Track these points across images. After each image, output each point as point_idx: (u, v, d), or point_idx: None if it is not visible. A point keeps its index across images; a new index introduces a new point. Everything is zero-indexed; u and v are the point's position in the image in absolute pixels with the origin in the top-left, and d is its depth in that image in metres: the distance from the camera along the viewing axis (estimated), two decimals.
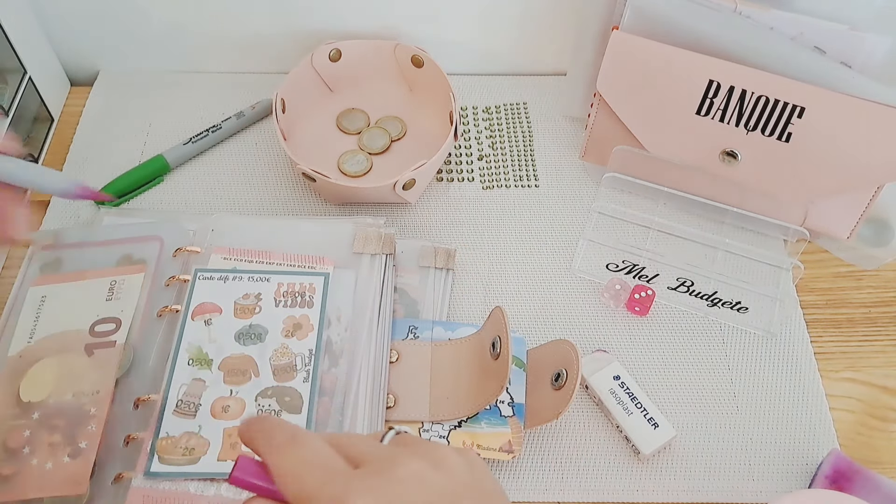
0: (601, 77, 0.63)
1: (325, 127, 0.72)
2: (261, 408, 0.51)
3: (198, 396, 0.52)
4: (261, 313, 0.54)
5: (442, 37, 0.75)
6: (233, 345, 0.54)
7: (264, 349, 0.53)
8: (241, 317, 0.54)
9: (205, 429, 0.51)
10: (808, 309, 0.63)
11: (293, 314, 0.54)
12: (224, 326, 0.54)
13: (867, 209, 0.61)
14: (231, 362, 0.53)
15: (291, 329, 0.53)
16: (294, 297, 0.55)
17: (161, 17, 0.73)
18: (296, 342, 0.53)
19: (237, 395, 0.51)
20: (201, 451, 0.50)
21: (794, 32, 0.58)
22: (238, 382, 0.52)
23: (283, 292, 0.55)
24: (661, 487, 0.54)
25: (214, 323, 0.54)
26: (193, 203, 0.68)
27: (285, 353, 0.53)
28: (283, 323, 0.54)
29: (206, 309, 0.56)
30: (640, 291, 0.61)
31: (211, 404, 0.52)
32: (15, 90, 0.68)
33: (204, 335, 0.54)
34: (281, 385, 0.52)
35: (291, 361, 0.53)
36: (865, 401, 0.58)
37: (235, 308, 0.55)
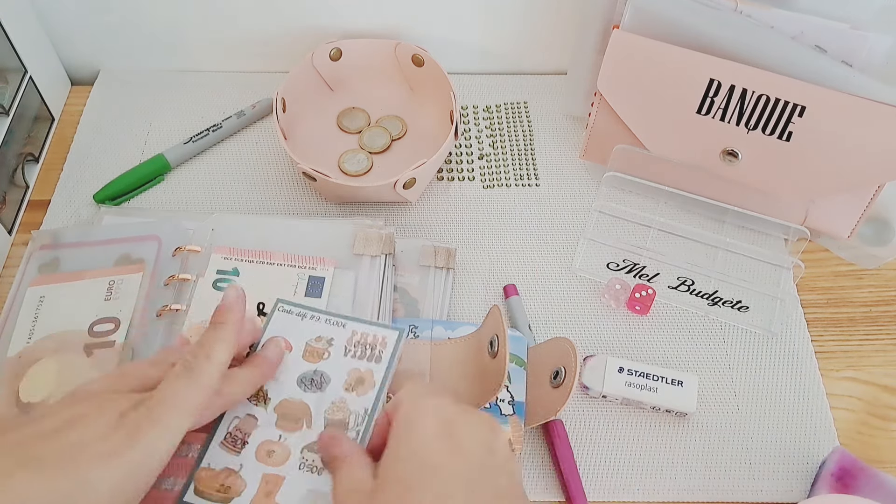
0: (602, 76, 0.62)
1: (325, 126, 0.72)
2: (304, 462, 0.47)
3: (247, 433, 0.49)
4: (328, 360, 0.51)
5: (442, 36, 0.75)
6: (293, 388, 0.50)
7: (322, 400, 0.50)
8: (308, 360, 0.51)
9: (245, 469, 0.48)
10: (809, 308, 0.63)
11: (359, 367, 0.51)
12: (290, 366, 0.51)
13: (868, 208, 0.61)
14: (287, 406, 0.49)
15: (354, 383, 0.50)
16: (364, 348, 0.51)
17: (161, 17, 0.73)
18: (354, 398, 0.50)
19: (284, 443, 0.48)
20: (235, 493, 0.47)
21: (794, 31, 0.58)
22: (289, 429, 0.49)
23: (355, 342, 0.52)
24: (661, 486, 0.54)
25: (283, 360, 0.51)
26: (194, 202, 0.68)
27: (342, 409, 0.49)
28: (347, 374, 0.50)
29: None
30: (641, 290, 0.61)
31: (258, 445, 0.48)
32: (15, 89, 0.68)
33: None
34: None
35: (345, 418, 0.49)
36: (866, 400, 0.58)
37: (306, 349, 0.51)
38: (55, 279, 0.59)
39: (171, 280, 0.58)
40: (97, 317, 0.56)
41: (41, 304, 0.57)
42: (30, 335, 0.56)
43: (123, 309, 0.57)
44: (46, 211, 0.67)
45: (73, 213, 0.67)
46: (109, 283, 0.58)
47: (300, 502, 0.46)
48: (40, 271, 0.59)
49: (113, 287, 0.58)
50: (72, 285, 0.58)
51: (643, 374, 0.56)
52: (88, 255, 0.60)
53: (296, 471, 0.47)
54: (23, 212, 0.68)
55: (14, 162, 0.67)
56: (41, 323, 0.56)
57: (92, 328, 0.56)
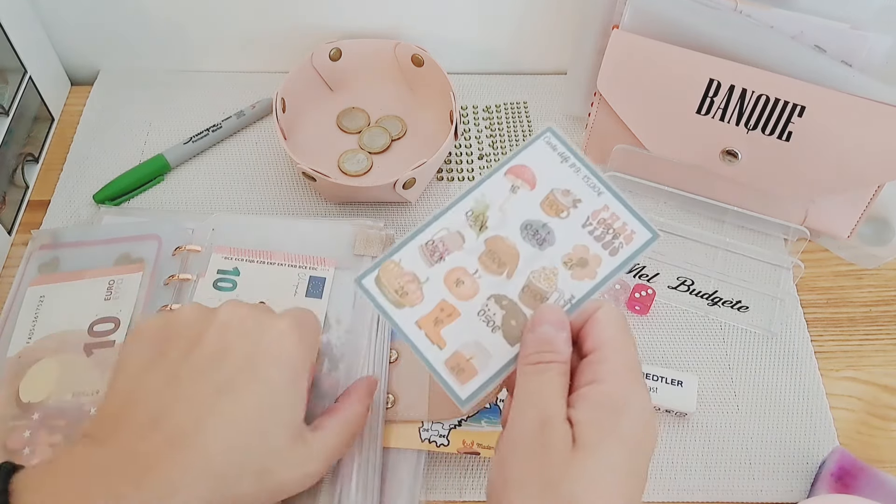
0: (601, 76, 0.62)
1: (325, 126, 0.72)
2: (486, 310, 0.43)
3: (448, 250, 0.44)
4: (565, 220, 0.44)
5: (442, 36, 0.75)
6: (515, 230, 0.44)
7: (536, 258, 0.43)
8: (545, 209, 0.44)
9: (429, 284, 0.43)
10: (809, 308, 0.63)
11: (590, 247, 0.43)
12: (523, 205, 0.44)
13: (868, 208, 0.61)
14: (499, 244, 0.44)
15: (576, 260, 0.43)
16: (606, 230, 0.44)
17: (161, 17, 0.73)
18: (568, 278, 0.43)
19: (478, 279, 0.43)
20: (409, 302, 0.43)
21: (794, 31, 0.58)
22: (489, 270, 0.43)
23: (601, 217, 0.44)
24: (661, 487, 0.54)
25: (519, 194, 0.45)
26: (194, 202, 0.68)
27: (549, 279, 0.43)
28: (573, 248, 0.44)
29: (523, 174, 0.45)
30: (641, 290, 0.61)
31: (452, 268, 0.44)
32: (15, 89, 0.68)
33: (501, 198, 0.45)
34: (520, 305, 0.43)
35: (548, 291, 0.43)
36: (866, 400, 0.58)
37: (548, 196, 0.44)
38: (55, 279, 0.59)
39: (172, 280, 0.58)
40: (97, 316, 0.56)
41: (41, 303, 0.57)
42: (30, 335, 0.56)
43: (123, 309, 0.57)
44: (46, 211, 0.67)
45: (72, 213, 0.67)
46: (109, 283, 0.58)
47: (462, 347, 0.42)
48: (40, 271, 0.59)
49: (113, 287, 0.58)
50: (72, 285, 0.58)
51: (643, 375, 0.56)
52: (88, 255, 0.60)
53: (473, 314, 0.43)
54: (23, 212, 0.68)
55: (14, 162, 0.67)
56: (41, 323, 0.56)
57: (92, 328, 0.56)
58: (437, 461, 0.54)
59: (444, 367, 0.42)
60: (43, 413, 0.52)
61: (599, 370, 0.38)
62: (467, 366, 0.42)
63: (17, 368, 0.54)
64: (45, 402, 0.52)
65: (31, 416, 0.52)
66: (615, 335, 0.39)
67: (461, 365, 0.42)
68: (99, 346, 0.55)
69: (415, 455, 0.53)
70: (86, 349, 0.55)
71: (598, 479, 0.35)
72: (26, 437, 0.51)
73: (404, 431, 0.52)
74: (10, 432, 0.51)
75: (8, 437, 0.51)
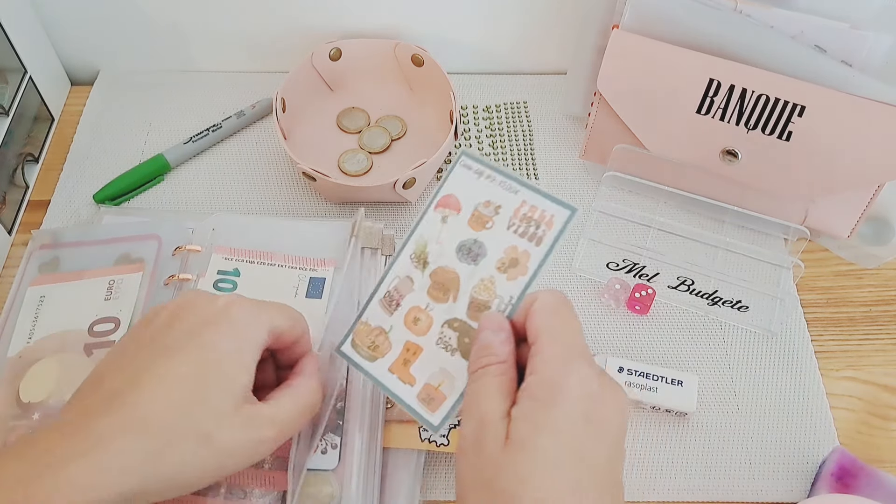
0: (601, 76, 0.62)
1: (325, 126, 0.72)
2: (441, 337, 0.46)
3: (402, 296, 0.47)
4: (491, 230, 0.46)
5: (442, 36, 0.75)
6: (451, 255, 0.47)
7: (473, 274, 0.46)
8: (473, 226, 0.47)
9: (394, 332, 0.47)
10: (809, 308, 0.63)
11: (517, 245, 0.45)
12: (454, 231, 0.47)
13: (868, 208, 0.61)
14: (441, 274, 0.47)
15: (507, 263, 0.45)
16: (528, 224, 0.45)
17: (161, 17, 0.73)
18: (504, 281, 0.45)
19: (430, 312, 0.46)
20: (381, 353, 0.47)
21: (794, 31, 0.58)
22: (437, 299, 0.46)
23: (521, 214, 0.46)
24: (660, 486, 0.54)
25: (449, 223, 0.48)
26: (194, 202, 0.68)
27: (489, 289, 0.45)
28: (503, 252, 0.46)
29: (449, 203, 0.48)
30: (641, 290, 0.61)
31: (408, 310, 0.47)
32: (15, 89, 0.68)
33: (435, 232, 0.48)
34: (469, 322, 0.45)
35: (489, 300, 0.45)
36: (866, 399, 0.58)
37: (473, 214, 0.47)
38: (55, 279, 0.59)
39: (172, 280, 0.58)
40: (97, 316, 0.56)
41: (41, 303, 0.57)
42: (30, 335, 0.56)
43: (123, 308, 0.57)
44: (46, 211, 0.67)
45: (73, 213, 0.67)
46: (109, 283, 0.58)
47: (430, 378, 0.45)
48: (40, 271, 0.59)
49: (113, 287, 0.58)
50: (72, 285, 0.58)
51: (643, 374, 0.56)
52: (88, 255, 0.60)
53: (433, 345, 0.46)
54: (23, 212, 0.68)
55: (14, 162, 0.67)
56: (41, 323, 0.56)
57: (92, 328, 0.56)
58: (437, 461, 0.54)
59: (415, 402, 0.45)
60: (43, 413, 0.52)
61: (535, 362, 0.39)
62: (436, 394, 0.45)
63: (17, 368, 0.54)
64: (45, 402, 0.52)
65: (31, 416, 0.52)
66: (549, 323, 0.40)
67: (431, 395, 0.45)
68: (99, 346, 0.55)
69: (415, 455, 0.53)
70: (86, 349, 0.55)
71: (533, 472, 0.35)
72: None
73: (404, 431, 0.52)
74: (10, 432, 0.51)
75: (8, 437, 0.51)
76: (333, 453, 0.50)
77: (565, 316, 0.41)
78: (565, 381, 0.38)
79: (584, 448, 0.37)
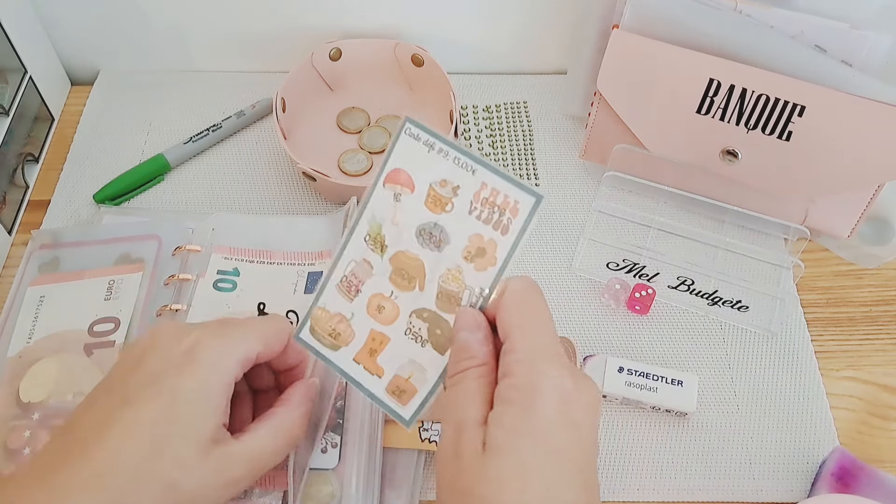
0: (601, 76, 0.62)
1: (325, 126, 0.72)
2: (410, 327, 0.44)
3: (362, 281, 0.45)
4: (451, 213, 0.43)
5: (442, 36, 0.75)
6: (411, 240, 0.44)
7: (439, 261, 0.43)
8: (430, 207, 0.43)
9: (356, 319, 0.45)
10: (809, 308, 0.63)
11: (482, 233, 0.42)
12: (411, 212, 0.44)
13: (868, 208, 0.61)
14: (402, 260, 0.44)
15: (474, 252, 0.42)
16: (492, 210, 0.42)
17: (161, 17, 0.73)
18: (472, 271, 0.42)
19: (395, 300, 0.44)
20: (344, 341, 0.45)
21: (794, 31, 0.58)
22: (401, 287, 0.44)
23: (482, 197, 0.42)
24: (660, 486, 0.54)
25: (403, 202, 0.44)
26: (194, 202, 0.68)
27: (457, 279, 0.43)
28: (468, 239, 0.43)
29: (400, 179, 0.44)
30: (641, 290, 0.61)
31: (370, 297, 0.45)
32: (15, 89, 0.68)
33: (389, 212, 0.45)
34: (439, 313, 0.43)
35: (459, 291, 0.42)
36: (866, 399, 0.58)
37: (429, 194, 0.43)
38: (55, 279, 0.59)
39: (172, 280, 0.58)
40: (97, 316, 0.56)
41: (41, 303, 0.57)
42: (30, 335, 0.56)
43: (123, 309, 0.57)
44: (46, 211, 0.67)
45: (73, 213, 0.67)
46: (109, 283, 0.58)
47: (399, 370, 0.44)
48: (40, 271, 0.59)
49: (113, 287, 0.58)
50: (72, 285, 0.58)
51: (643, 374, 0.56)
52: (88, 255, 0.60)
53: (401, 335, 0.44)
54: (23, 212, 0.68)
55: (14, 162, 0.67)
56: (41, 323, 0.56)
57: (92, 328, 0.56)
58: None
59: (385, 395, 0.44)
60: (43, 413, 0.52)
61: (508, 362, 0.38)
62: (407, 386, 0.43)
63: (17, 368, 0.54)
64: (45, 402, 0.52)
65: (31, 416, 0.52)
66: (519, 319, 0.39)
67: (401, 387, 0.43)
68: (99, 346, 0.55)
69: (415, 455, 0.53)
70: (86, 349, 0.55)
71: (511, 477, 0.35)
72: (26, 437, 0.51)
73: (404, 431, 0.52)
74: (10, 432, 0.51)
75: (8, 437, 0.51)
76: (333, 452, 0.50)
77: (535, 307, 0.40)
78: (539, 384, 0.37)
79: (560, 449, 0.36)
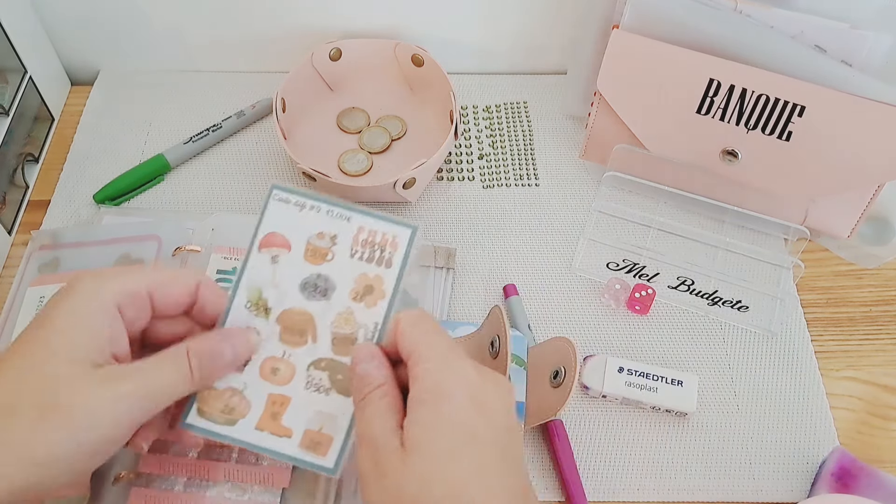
0: (601, 76, 0.62)
1: (325, 126, 0.72)
2: (311, 380, 0.44)
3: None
4: (333, 261, 0.45)
5: (442, 36, 0.75)
6: (296, 296, 0.45)
7: (328, 309, 0.45)
8: (310, 261, 0.45)
9: (250, 388, 0.44)
10: (809, 308, 0.63)
11: (367, 272, 0.45)
12: (291, 270, 0.46)
13: (868, 208, 0.61)
14: (290, 317, 0.45)
15: (362, 291, 0.44)
16: (373, 249, 0.45)
17: (161, 17, 0.73)
18: (363, 310, 0.44)
19: (289, 359, 0.44)
20: (240, 414, 0.44)
21: (794, 31, 0.58)
22: (293, 344, 0.45)
23: (361, 240, 0.45)
24: (661, 486, 0.54)
25: (281, 262, 0.46)
26: (194, 202, 0.68)
27: (349, 321, 0.44)
28: (354, 281, 0.45)
29: (274, 241, 0.46)
30: (641, 290, 0.61)
31: (262, 362, 0.45)
32: (15, 89, 0.68)
33: (268, 275, 0.46)
34: (337, 359, 0.44)
35: (353, 332, 0.44)
36: (866, 399, 0.58)
37: (307, 249, 0.45)
38: (55, 279, 0.59)
39: None
40: None
41: (41, 304, 0.57)
42: None
43: None
44: (46, 211, 0.67)
45: (73, 213, 0.67)
46: None
47: (308, 424, 0.43)
48: (40, 271, 0.59)
49: None
50: None
51: (643, 374, 0.56)
52: (88, 255, 0.60)
53: (302, 390, 0.44)
54: (23, 212, 0.68)
55: (14, 162, 0.67)
56: None
57: None
58: None
59: (300, 452, 0.43)
60: None
61: (415, 372, 0.39)
62: (321, 437, 0.43)
63: None
64: None
65: None
66: (419, 336, 0.40)
67: (315, 439, 0.43)
68: None
69: None
70: None
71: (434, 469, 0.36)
72: None
73: None
74: None
75: None
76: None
77: (430, 326, 0.41)
78: (447, 379, 0.39)
79: (476, 432, 0.37)
